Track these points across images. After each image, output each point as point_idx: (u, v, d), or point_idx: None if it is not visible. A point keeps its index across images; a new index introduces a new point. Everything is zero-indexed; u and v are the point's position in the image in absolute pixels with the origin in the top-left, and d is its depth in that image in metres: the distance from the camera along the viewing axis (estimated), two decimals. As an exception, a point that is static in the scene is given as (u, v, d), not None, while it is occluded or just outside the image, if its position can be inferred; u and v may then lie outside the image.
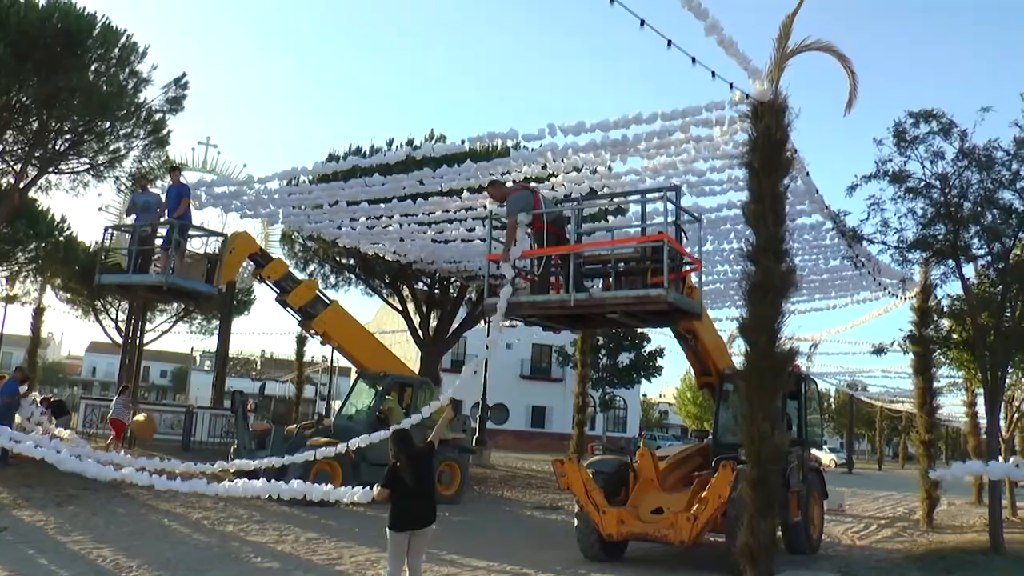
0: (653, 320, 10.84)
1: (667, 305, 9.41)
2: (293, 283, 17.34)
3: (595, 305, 9.93)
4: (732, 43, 8.95)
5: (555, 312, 10.31)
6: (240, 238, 16.86)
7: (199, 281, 15.67)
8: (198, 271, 15.91)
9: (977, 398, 22.87)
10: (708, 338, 13.16)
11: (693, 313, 10.47)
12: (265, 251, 18.14)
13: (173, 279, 15.00)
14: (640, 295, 9.55)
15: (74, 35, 18.22)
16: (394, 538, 7.24)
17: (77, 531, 11.10)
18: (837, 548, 14.58)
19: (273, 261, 17.51)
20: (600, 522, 10.90)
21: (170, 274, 14.92)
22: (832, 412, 72.24)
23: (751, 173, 9.49)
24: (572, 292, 9.80)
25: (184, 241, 15.21)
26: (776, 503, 8.83)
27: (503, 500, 19.80)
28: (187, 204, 15.30)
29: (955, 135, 13.28)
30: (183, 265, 15.41)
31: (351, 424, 17.21)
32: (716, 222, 13.78)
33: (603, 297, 9.92)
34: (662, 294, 9.29)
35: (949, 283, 14.82)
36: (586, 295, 9.90)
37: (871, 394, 49.43)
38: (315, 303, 17.41)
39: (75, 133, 20.11)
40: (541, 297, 10.41)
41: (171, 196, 15.47)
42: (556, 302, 10.12)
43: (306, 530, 12.60)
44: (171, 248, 14.86)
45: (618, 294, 9.83)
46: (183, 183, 15.70)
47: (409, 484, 7.14)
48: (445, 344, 26.54)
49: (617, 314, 9.95)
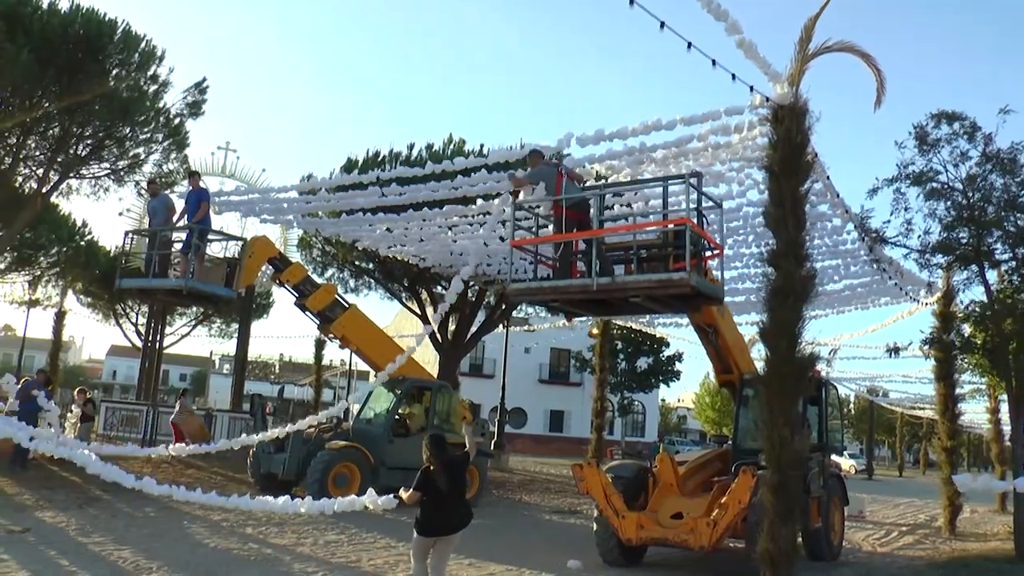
0: (676, 305, 10.80)
1: (690, 288, 9.44)
2: (312, 287, 17.39)
3: (617, 289, 9.95)
4: (752, 45, 8.91)
5: (577, 297, 10.32)
6: (259, 242, 16.93)
7: (219, 285, 15.76)
8: (218, 275, 15.99)
9: (1001, 404, 22.65)
10: (729, 334, 13.08)
11: (716, 298, 10.47)
12: (284, 255, 18.20)
13: (193, 283, 15.08)
14: (663, 278, 9.58)
15: (95, 41, 18.40)
16: (419, 541, 7.23)
17: (98, 533, 11.17)
18: (858, 555, 14.45)
19: (292, 265, 17.58)
20: (619, 527, 10.86)
21: (190, 278, 15.01)
22: (852, 418, 71.75)
23: (771, 177, 9.43)
24: (595, 276, 9.81)
25: (204, 245, 15.30)
26: (797, 509, 8.76)
27: (521, 504, 19.76)
28: (207, 208, 15.38)
29: (979, 138, 13.18)
30: (203, 269, 15.50)
31: (370, 428, 17.23)
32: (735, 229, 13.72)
33: (626, 281, 9.95)
34: (684, 277, 9.32)
35: (972, 288, 14.69)
36: (609, 279, 9.94)
37: (892, 400, 49.08)
38: (333, 307, 17.46)
39: (96, 138, 20.28)
40: (563, 282, 10.45)
41: (190, 201, 15.55)
42: (578, 286, 10.16)
43: (325, 533, 12.60)
44: (191, 252, 14.95)
45: (640, 278, 9.85)
46: (202, 187, 15.79)
47: (443, 489, 7.11)
48: (464, 348, 26.53)
49: (640, 298, 9.93)
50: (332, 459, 15.51)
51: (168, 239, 15.63)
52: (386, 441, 16.64)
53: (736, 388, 13.57)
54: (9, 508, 12.64)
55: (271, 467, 16.33)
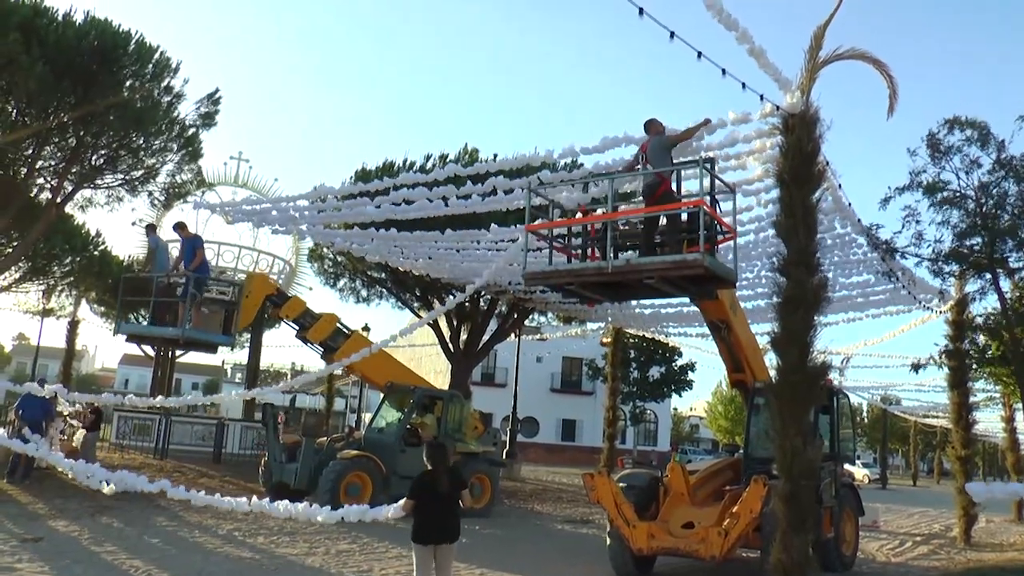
0: (690, 288, 10.80)
1: (703, 270, 9.48)
2: (312, 319, 17.34)
3: (632, 271, 9.99)
4: (762, 53, 8.91)
5: (592, 280, 10.37)
6: (256, 281, 17.02)
7: (216, 332, 15.94)
8: (215, 321, 16.19)
9: (1015, 413, 22.51)
10: (741, 331, 13.03)
11: (729, 280, 10.46)
12: (282, 290, 18.16)
13: (190, 332, 15.24)
14: (677, 260, 9.61)
15: (110, 52, 18.50)
16: (419, 551, 7.26)
17: (111, 542, 11.22)
18: (872, 565, 14.37)
19: (290, 300, 17.56)
20: (630, 536, 10.83)
21: (187, 327, 15.10)
22: (865, 427, 71.36)
23: (782, 186, 9.43)
24: (610, 259, 9.88)
25: (200, 294, 15.40)
26: (810, 519, 8.72)
27: (533, 513, 19.72)
28: (202, 255, 15.56)
29: (992, 144, 13.11)
30: (200, 316, 15.64)
31: (381, 437, 17.25)
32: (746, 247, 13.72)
33: (640, 263, 10.01)
34: (699, 259, 9.35)
35: (986, 297, 14.60)
36: (623, 262, 10.02)
37: (905, 408, 48.81)
38: (335, 336, 17.43)
39: (110, 149, 20.39)
40: (578, 265, 10.52)
41: (186, 249, 15.72)
42: (593, 269, 10.21)
43: (336, 542, 12.62)
44: (188, 301, 15.06)
45: (655, 259, 9.89)
46: (195, 235, 15.95)
47: (439, 495, 7.15)
48: (476, 357, 26.55)
49: (654, 279, 9.94)
50: (344, 468, 15.54)
51: (166, 285, 15.78)
52: (398, 451, 16.66)
53: (747, 388, 13.51)
54: (23, 517, 12.71)
55: (283, 476, 16.36)
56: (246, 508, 8.34)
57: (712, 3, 8.13)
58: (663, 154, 10.35)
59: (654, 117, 10.78)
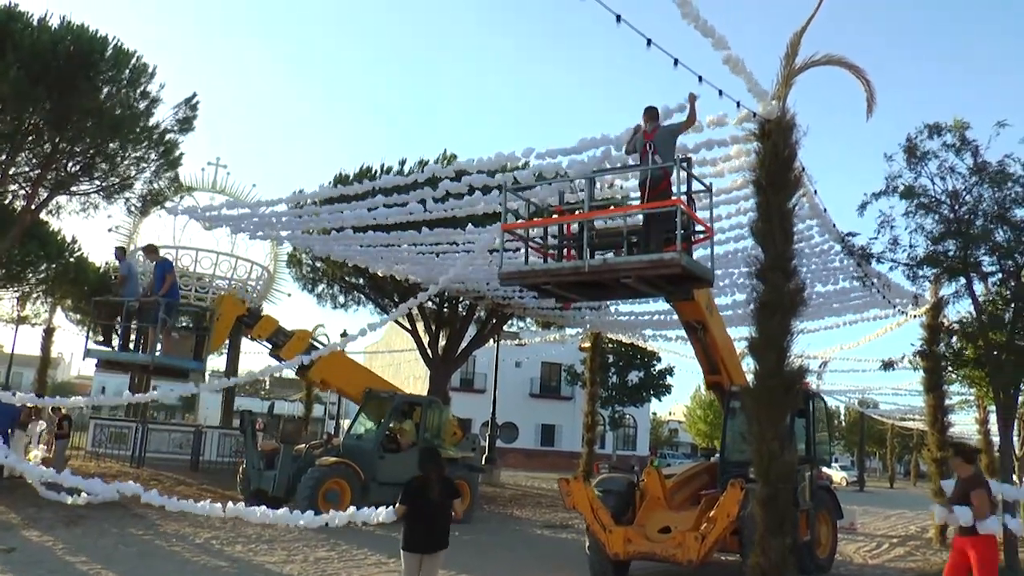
0: (667, 287, 10.82)
1: (680, 269, 9.51)
2: (285, 337, 17.21)
3: (609, 271, 10.01)
4: (739, 61, 8.96)
5: (569, 279, 10.37)
6: (226, 302, 16.95)
7: (187, 358, 15.85)
8: (186, 347, 16.13)
9: (989, 416, 22.68)
10: (717, 332, 13.09)
11: (706, 280, 10.50)
12: (252, 310, 18.02)
13: (160, 359, 15.11)
14: (654, 259, 9.63)
15: (86, 57, 18.32)
16: (407, 559, 7.20)
17: (85, 552, 11.10)
18: (849, 567, 14.47)
19: (262, 319, 17.43)
20: (606, 541, 10.82)
21: (157, 354, 14.98)
22: (843, 430, 71.83)
23: (758, 191, 9.49)
24: (587, 258, 9.91)
25: (171, 320, 15.28)
26: (788, 522, 8.76)
27: (513, 519, 19.72)
28: (171, 280, 15.47)
29: (967, 150, 13.24)
30: (171, 342, 15.54)
31: (360, 444, 17.20)
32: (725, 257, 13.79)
33: (617, 263, 10.03)
34: (675, 258, 9.39)
35: (960, 300, 14.72)
36: (600, 261, 10.05)
37: (882, 412, 49.12)
38: (310, 352, 17.30)
39: (86, 155, 20.21)
40: (555, 264, 10.53)
41: (156, 275, 15.63)
42: (570, 269, 10.22)
43: (315, 550, 12.56)
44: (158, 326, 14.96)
45: (631, 259, 9.91)
46: (165, 259, 15.86)
47: (431, 503, 7.11)
48: (454, 363, 26.52)
49: (631, 279, 9.96)
50: (322, 475, 15.48)
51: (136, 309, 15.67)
52: (377, 457, 16.62)
53: (724, 390, 13.56)
54: (-4, 527, 12.57)
55: (261, 483, 16.27)
56: (221, 514, 8.31)
57: (689, 11, 8.17)
58: (672, 145, 10.20)
59: (654, 105, 10.50)
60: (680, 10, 8.10)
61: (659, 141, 10.20)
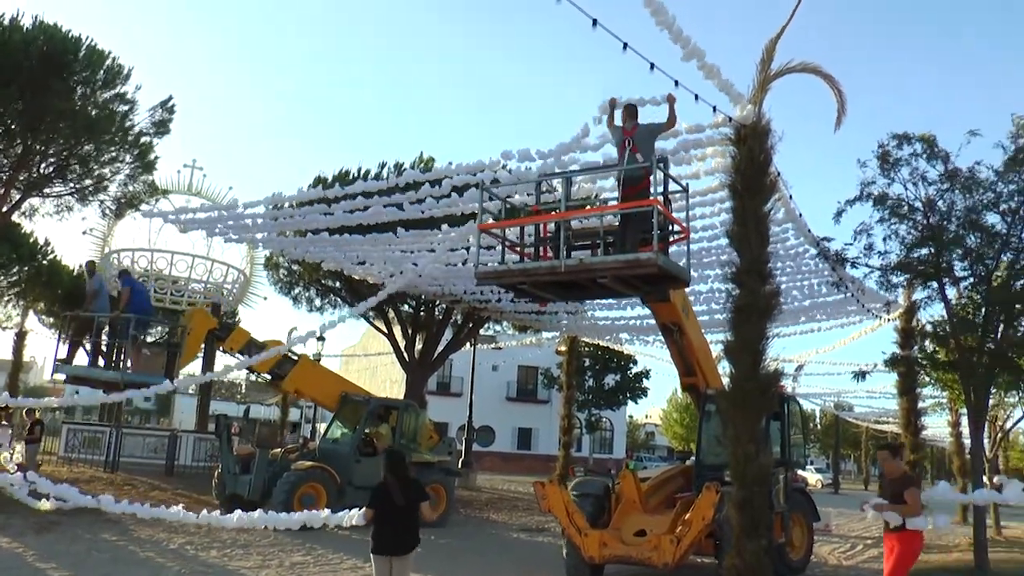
0: (643, 287, 10.83)
1: (656, 269, 9.52)
2: (258, 349, 17.02)
3: (585, 271, 10.02)
4: (715, 69, 9.00)
5: (545, 279, 10.36)
6: (196, 316, 16.80)
7: (158, 375, 15.67)
8: (157, 363, 15.97)
9: (961, 418, 22.98)
10: (693, 334, 13.11)
11: (682, 279, 10.53)
12: (224, 323, 17.81)
13: (130, 376, 14.93)
14: (630, 259, 9.64)
15: (59, 58, 18.16)
16: (375, 561, 7.25)
17: (56, 559, 10.96)
18: (824, 568, 14.58)
19: (234, 332, 17.18)
20: (582, 545, 10.82)
21: (126, 371, 14.81)
22: (818, 433, 72.31)
23: (734, 196, 9.54)
24: (563, 258, 9.91)
25: (140, 336, 15.07)
26: (763, 524, 8.81)
27: (489, 523, 19.70)
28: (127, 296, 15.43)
29: (938, 157, 13.40)
30: (141, 359, 15.39)
31: (336, 447, 17.14)
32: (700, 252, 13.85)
33: (593, 262, 10.05)
34: (652, 258, 9.40)
35: (933, 305, 14.87)
36: (576, 261, 10.07)
37: (857, 414, 49.53)
38: (283, 363, 17.13)
39: (60, 157, 20.04)
40: (531, 264, 10.51)
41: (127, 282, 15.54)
42: (546, 268, 10.21)
43: (291, 555, 12.49)
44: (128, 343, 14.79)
45: (607, 259, 9.93)
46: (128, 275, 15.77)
47: (397, 506, 7.11)
48: (431, 367, 26.47)
49: (607, 279, 9.98)
50: (298, 479, 15.40)
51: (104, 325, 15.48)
52: (353, 461, 16.56)
53: (699, 392, 13.58)
54: (-35, 533, 12.40)
55: (236, 488, 16.16)
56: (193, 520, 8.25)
57: (663, 19, 8.19)
58: (652, 143, 10.22)
59: (634, 102, 10.49)
60: (654, 18, 8.11)
61: (639, 139, 10.22)
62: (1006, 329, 13.86)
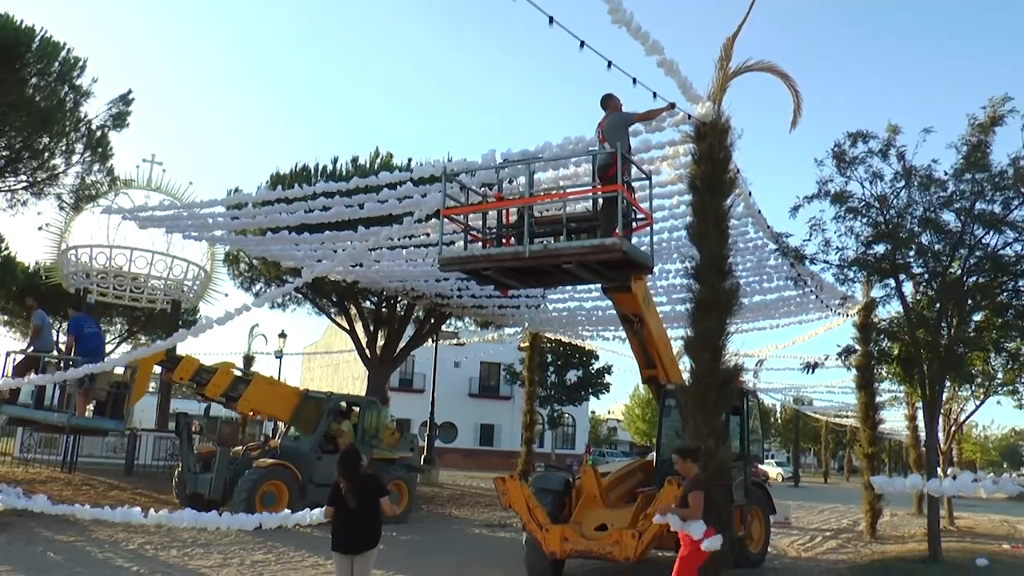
0: (607, 273, 10.85)
1: (621, 254, 9.53)
2: (208, 374, 16.69)
3: (549, 256, 10.02)
4: (674, 65, 9.07)
5: (509, 264, 10.36)
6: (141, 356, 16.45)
7: (104, 418, 15.33)
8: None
9: (917, 412, 23.36)
10: (654, 326, 13.11)
11: (645, 266, 10.57)
12: (172, 352, 17.24)
13: (76, 420, 14.55)
14: (595, 244, 9.66)
15: (11, 48, 17.81)
16: (336, 559, 7.25)
17: (11, 560, 10.76)
18: (783, 560, 14.75)
19: (182, 361, 16.76)
20: (543, 540, 10.82)
21: (72, 415, 14.40)
22: (779, 427, 73.17)
23: (694, 192, 9.63)
24: (527, 244, 9.91)
25: (88, 382, 14.52)
26: (724, 518, 8.91)
27: (451, 519, 19.69)
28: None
29: (893, 155, 13.60)
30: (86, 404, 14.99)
31: (297, 445, 17.02)
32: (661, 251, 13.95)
33: (558, 248, 10.04)
34: (616, 243, 9.41)
35: (892, 302, 15.09)
36: (540, 247, 10.06)
37: (816, 409, 50.16)
38: (236, 385, 16.76)
39: (13, 150, 19.67)
40: (496, 250, 10.52)
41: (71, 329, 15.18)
42: (510, 254, 10.22)
43: (252, 553, 12.40)
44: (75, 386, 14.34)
45: (572, 244, 9.94)
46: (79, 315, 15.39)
47: (351, 506, 7.09)
48: (393, 363, 26.37)
49: (572, 265, 9.99)
50: (259, 477, 15.28)
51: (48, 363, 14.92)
52: (314, 458, 16.47)
53: (660, 384, 13.61)
54: (-83, 535, 12.16)
55: (197, 487, 16.00)
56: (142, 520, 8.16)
57: (620, 16, 8.22)
58: (621, 132, 10.24)
59: (611, 92, 10.62)
60: (611, 16, 8.14)
61: (607, 128, 10.31)
62: (959, 325, 14.11)
